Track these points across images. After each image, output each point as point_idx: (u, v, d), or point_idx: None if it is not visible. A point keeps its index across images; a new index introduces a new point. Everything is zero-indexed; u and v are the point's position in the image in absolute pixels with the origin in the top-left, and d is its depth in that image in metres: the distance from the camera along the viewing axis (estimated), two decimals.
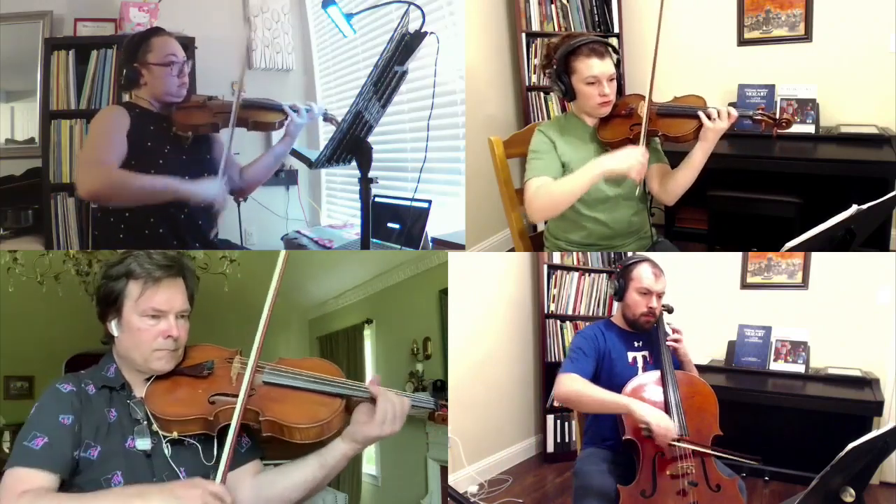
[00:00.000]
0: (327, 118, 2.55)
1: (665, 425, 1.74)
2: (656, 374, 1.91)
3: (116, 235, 2.31)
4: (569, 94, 2.14)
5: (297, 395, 1.42)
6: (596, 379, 1.98)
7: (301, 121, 2.42)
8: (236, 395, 1.35)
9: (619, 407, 1.79)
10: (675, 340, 2.00)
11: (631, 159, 1.94)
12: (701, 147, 2.02)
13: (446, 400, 1.47)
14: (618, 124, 2.12)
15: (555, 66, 2.11)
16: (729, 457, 1.81)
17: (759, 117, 2.03)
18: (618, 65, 2.12)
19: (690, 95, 2.12)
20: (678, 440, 1.78)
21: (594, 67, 2.04)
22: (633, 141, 2.05)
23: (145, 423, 1.36)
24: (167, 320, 1.39)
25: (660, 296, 2.00)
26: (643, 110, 2.06)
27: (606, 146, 2.12)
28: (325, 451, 1.41)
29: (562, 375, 1.90)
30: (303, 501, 1.43)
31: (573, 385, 1.85)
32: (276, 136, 3.77)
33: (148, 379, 1.40)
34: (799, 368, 3.25)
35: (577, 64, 2.06)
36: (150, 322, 1.38)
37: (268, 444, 1.44)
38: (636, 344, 2.04)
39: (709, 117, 1.98)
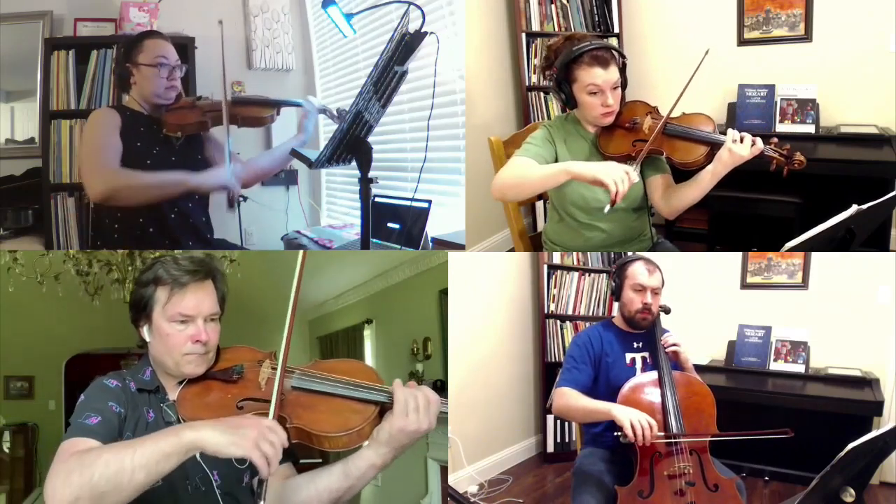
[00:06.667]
0: (323, 111, 2.56)
1: (643, 424, 1.68)
2: (653, 374, 1.91)
3: (111, 236, 2.33)
4: (570, 104, 2.05)
5: (327, 400, 1.36)
6: (595, 382, 1.99)
7: (313, 116, 2.49)
8: (264, 401, 1.32)
9: (602, 414, 1.79)
10: (674, 345, 1.98)
11: (612, 171, 1.74)
12: (713, 168, 1.88)
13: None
14: (620, 136, 2.04)
15: (555, 74, 2.02)
16: (753, 436, 1.76)
17: (770, 153, 1.86)
18: (623, 68, 2.01)
19: (700, 114, 2.02)
20: (676, 436, 1.77)
21: (596, 77, 1.94)
22: (635, 158, 1.95)
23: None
24: (195, 325, 1.40)
25: (655, 291, 1.98)
26: (647, 125, 1.97)
27: (607, 160, 1.99)
28: (351, 459, 1.38)
29: (555, 390, 1.94)
30: None
31: (561, 400, 1.91)
32: (275, 131, 3.76)
33: (181, 382, 1.41)
34: (799, 368, 3.25)
35: (579, 72, 1.96)
36: (179, 327, 1.39)
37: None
38: (636, 345, 2.03)
39: (723, 144, 1.85)
